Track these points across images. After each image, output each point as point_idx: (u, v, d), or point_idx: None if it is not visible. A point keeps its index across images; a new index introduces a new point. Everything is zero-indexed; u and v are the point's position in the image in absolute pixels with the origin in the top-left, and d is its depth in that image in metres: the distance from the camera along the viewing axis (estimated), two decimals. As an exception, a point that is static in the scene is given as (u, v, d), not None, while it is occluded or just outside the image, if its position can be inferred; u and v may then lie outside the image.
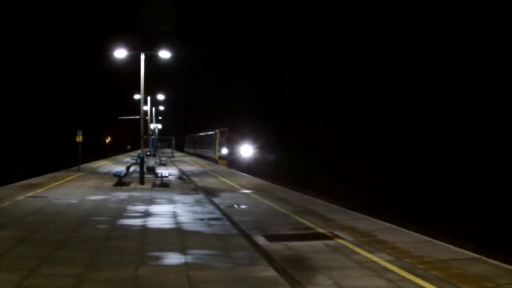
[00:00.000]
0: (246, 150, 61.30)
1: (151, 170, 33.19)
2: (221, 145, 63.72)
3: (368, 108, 50.83)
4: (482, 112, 36.69)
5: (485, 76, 37.68)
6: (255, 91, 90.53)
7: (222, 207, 19.49)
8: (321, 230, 14.54)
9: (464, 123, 37.60)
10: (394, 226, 15.53)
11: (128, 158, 62.56)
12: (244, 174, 42.06)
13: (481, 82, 38.05)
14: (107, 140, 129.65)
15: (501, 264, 10.70)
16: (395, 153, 43.11)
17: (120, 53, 31.02)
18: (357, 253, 11.60)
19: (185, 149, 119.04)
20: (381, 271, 10.04)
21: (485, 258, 11.22)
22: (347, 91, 56.17)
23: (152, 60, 33.26)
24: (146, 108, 55.63)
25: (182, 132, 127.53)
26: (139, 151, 35.97)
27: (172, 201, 21.13)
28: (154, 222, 15.79)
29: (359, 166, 45.19)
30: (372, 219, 16.85)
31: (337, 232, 14.13)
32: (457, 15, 39.80)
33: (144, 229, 14.66)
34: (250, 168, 55.20)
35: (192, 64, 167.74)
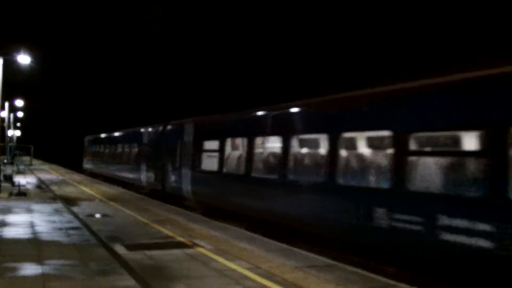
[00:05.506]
0: None
1: (8, 178, 32.05)
2: None
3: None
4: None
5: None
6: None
7: (81, 216, 19.15)
8: (181, 239, 14.67)
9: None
10: (254, 235, 15.91)
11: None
12: None
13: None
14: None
15: (359, 270, 11.24)
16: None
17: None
18: (216, 261, 11.81)
19: (87, 166, 56.46)
20: (239, 279, 10.30)
21: (341, 265, 11.76)
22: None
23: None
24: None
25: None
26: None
27: (29, 211, 20.50)
28: (10, 232, 15.29)
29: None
30: (232, 228, 17.14)
31: (196, 241, 14.31)
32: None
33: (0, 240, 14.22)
34: None
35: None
